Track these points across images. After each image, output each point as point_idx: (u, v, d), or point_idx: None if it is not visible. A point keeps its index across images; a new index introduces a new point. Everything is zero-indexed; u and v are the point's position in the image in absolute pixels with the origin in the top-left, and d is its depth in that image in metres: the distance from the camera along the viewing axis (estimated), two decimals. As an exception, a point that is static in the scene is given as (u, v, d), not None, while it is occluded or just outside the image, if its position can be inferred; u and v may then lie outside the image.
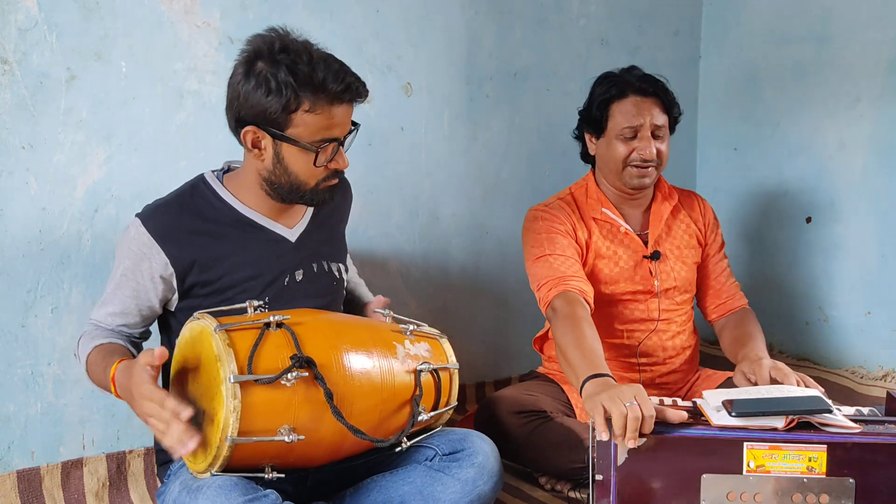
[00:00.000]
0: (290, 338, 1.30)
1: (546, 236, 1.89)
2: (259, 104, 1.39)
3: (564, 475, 1.84)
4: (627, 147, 1.89)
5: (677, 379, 2.00)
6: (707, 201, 2.11)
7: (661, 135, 1.91)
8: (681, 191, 2.08)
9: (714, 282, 2.02)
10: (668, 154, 1.93)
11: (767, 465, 1.32)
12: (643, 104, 1.88)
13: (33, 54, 1.70)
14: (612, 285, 1.93)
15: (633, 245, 1.95)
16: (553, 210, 1.95)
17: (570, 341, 1.63)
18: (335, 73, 1.39)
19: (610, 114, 1.90)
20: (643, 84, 1.89)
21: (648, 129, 1.87)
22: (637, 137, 1.88)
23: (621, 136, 1.89)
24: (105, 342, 1.45)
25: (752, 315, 1.97)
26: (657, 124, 1.88)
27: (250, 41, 1.43)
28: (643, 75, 1.92)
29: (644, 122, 1.87)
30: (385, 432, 1.40)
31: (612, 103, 1.90)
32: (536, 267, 1.87)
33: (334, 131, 1.44)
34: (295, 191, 1.49)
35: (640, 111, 1.87)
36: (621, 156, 1.90)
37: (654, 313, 1.95)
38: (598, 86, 1.95)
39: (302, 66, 1.37)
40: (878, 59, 2.31)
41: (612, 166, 1.93)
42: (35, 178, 1.73)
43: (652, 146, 1.88)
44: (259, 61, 1.39)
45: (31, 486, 1.74)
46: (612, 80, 1.93)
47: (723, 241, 2.07)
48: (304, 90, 1.38)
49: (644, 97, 1.89)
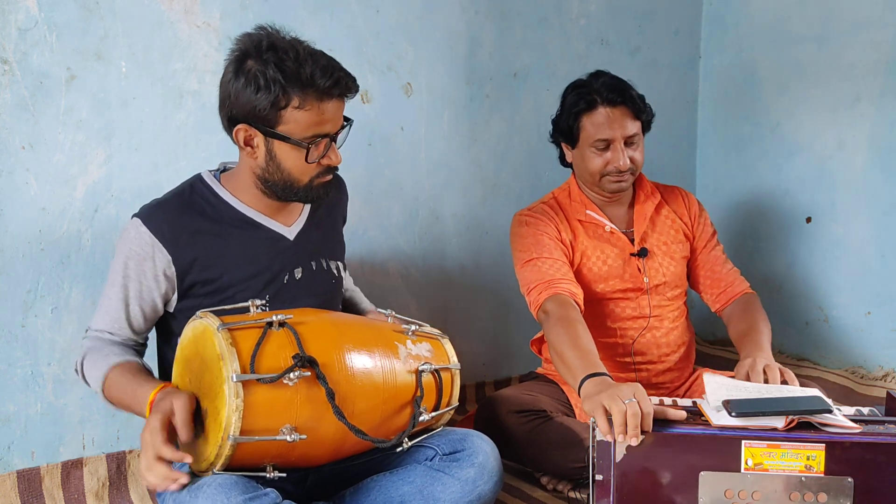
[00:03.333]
0: (292, 337, 1.30)
1: (533, 240, 1.90)
2: (249, 102, 1.39)
3: (564, 475, 1.84)
4: (602, 158, 1.90)
5: (674, 377, 2.00)
6: (692, 194, 2.11)
7: (635, 141, 1.91)
8: (663, 187, 2.09)
9: (710, 271, 2.02)
10: (643, 158, 1.94)
11: (766, 464, 1.32)
12: (613, 115, 1.87)
13: (33, 54, 1.70)
14: (601, 283, 1.94)
15: (620, 243, 1.96)
16: (537, 214, 1.96)
17: (565, 343, 1.63)
18: (323, 69, 1.39)
19: (581, 126, 1.91)
20: (611, 94, 1.88)
21: (620, 141, 1.88)
22: (610, 149, 1.89)
23: (594, 147, 1.90)
24: (121, 360, 1.42)
25: (755, 302, 1.95)
26: (629, 134, 1.88)
27: (240, 40, 1.43)
28: (611, 84, 1.90)
29: (615, 134, 1.87)
30: (386, 432, 1.40)
31: (583, 115, 1.90)
32: (525, 271, 1.87)
33: (325, 127, 1.44)
34: (289, 188, 1.49)
35: (610, 123, 1.87)
36: (596, 167, 1.91)
37: (646, 310, 1.95)
38: (567, 96, 1.95)
39: (289, 63, 1.38)
40: (878, 59, 2.32)
41: (588, 176, 1.94)
42: (35, 178, 1.73)
43: (625, 156, 1.88)
44: (248, 59, 1.40)
45: (31, 486, 1.74)
46: (580, 92, 1.92)
47: (714, 230, 2.07)
48: (293, 86, 1.38)
49: (613, 107, 1.88)
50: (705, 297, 2.04)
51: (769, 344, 1.80)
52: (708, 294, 2.03)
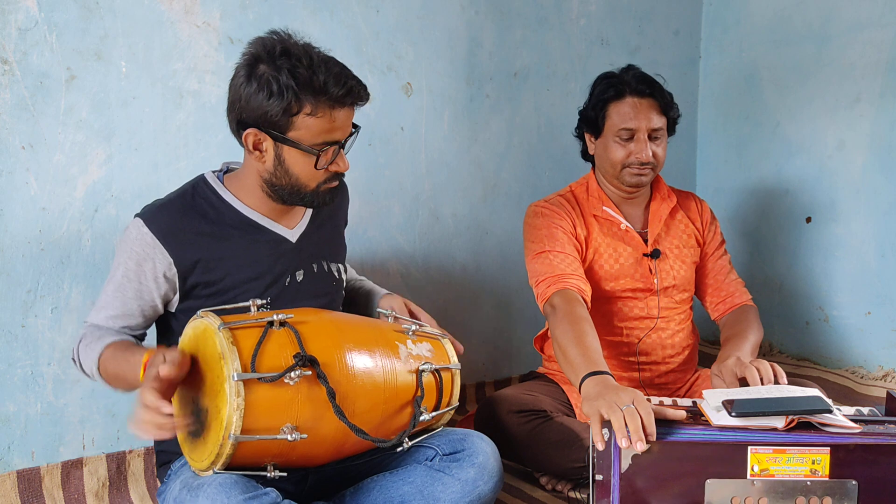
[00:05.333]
0: (293, 336, 1.30)
1: (546, 232, 1.90)
2: (260, 107, 1.39)
3: (564, 475, 1.84)
4: (624, 149, 1.90)
5: (676, 378, 2.00)
6: (705, 201, 2.11)
7: (659, 136, 1.91)
8: (679, 192, 2.08)
9: (714, 280, 2.02)
10: (665, 156, 1.94)
11: (771, 469, 1.31)
12: (640, 106, 1.88)
13: (33, 54, 1.70)
14: (612, 282, 1.93)
15: (634, 243, 1.96)
16: (553, 206, 1.95)
17: (569, 339, 1.63)
18: (336, 77, 1.39)
19: (607, 114, 1.91)
20: (641, 85, 1.89)
21: (645, 132, 1.88)
22: (634, 140, 1.89)
23: (618, 137, 1.90)
24: (117, 339, 1.44)
25: (751, 313, 1.95)
26: (654, 127, 1.89)
27: (252, 44, 1.43)
28: (641, 76, 1.92)
29: (640, 125, 1.88)
30: (386, 432, 1.40)
31: (610, 104, 1.91)
32: (536, 263, 1.87)
33: (335, 134, 1.44)
34: (295, 193, 1.49)
35: (636, 113, 1.88)
36: (618, 158, 1.91)
37: (654, 311, 1.95)
38: (596, 86, 1.96)
39: (302, 70, 1.37)
40: (878, 59, 2.32)
41: (609, 167, 1.94)
42: (35, 178, 1.73)
43: (648, 149, 1.88)
44: (261, 64, 1.39)
45: (31, 486, 1.74)
46: (610, 81, 1.93)
47: (722, 239, 2.07)
48: (306, 93, 1.38)
49: (641, 98, 1.89)
50: (706, 305, 2.05)
51: (752, 348, 1.78)
52: (709, 302, 2.03)
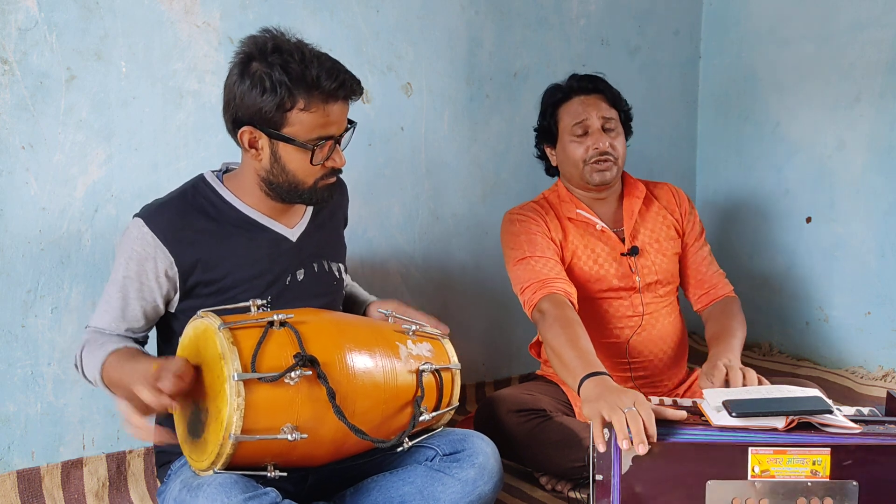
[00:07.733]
0: (293, 336, 1.30)
1: (526, 238, 1.91)
2: (254, 104, 1.40)
3: (564, 474, 1.83)
4: (582, 145, 1.93)
5: (671, 374, 2.00)
6: (681, 189, 2.12)
7: (612, 127, 1.94)
8: (652, 184, 2.10)
9: (695, 271, 2.03)
10: (624, 150, 1.97)
11: (772, 470, 1.31)
12: (588, 101, 1.95)
13: (33, 54, 1.70)
14: (594, 283, 1.94)
15: (611, 242, 1.96)
16: (528, 212, 1.97)
17: (562, 342, 1.62)
18: (328, 71, 1.40)
19: (559, 117, 1.97)
20: (585, 83, 1.96)
21: (597, 123, 1.92)
22: (588, 134, 1.93)
23: (573, 135, 1.94)
24: (120, 346, 1.42)
25: (734, 305, 1.96)
26: (605, 116, 1.93)
27: (244, 42, 1.43)
28: (585, 76, 1.99)
29: (591, 115, 1.92)
30: (387, 432, 1.40)
31: (559, 107, 1.98)
32: (518, 270, 1.87)
33: (330, 129, 1.44)
34: (293, 190, 1.49)
35: (585, 108, 1.94)
36: (578, 155, 1.94)
37: (639, 308, 1.95)
38: (544, 97, 2.04)
39: (294, 65, 1.38)
40: (878, 59, 2.32)
41: (573, 168, 1.96)
42: (35, 178, 1.73)
43: (605, 139, 1.92)
44: (253, 62, 1.40)
45: (31, 486, 1.74)
46: (556, 87, 2.01)
47: (702, 228, 2.08)
48: (298, 88, 1.38)
49: (588, 95, 1.96)
50: (689, 296, 2.06)
51: (740, 346, 1.80)
52: (692, 293, 2.04)
